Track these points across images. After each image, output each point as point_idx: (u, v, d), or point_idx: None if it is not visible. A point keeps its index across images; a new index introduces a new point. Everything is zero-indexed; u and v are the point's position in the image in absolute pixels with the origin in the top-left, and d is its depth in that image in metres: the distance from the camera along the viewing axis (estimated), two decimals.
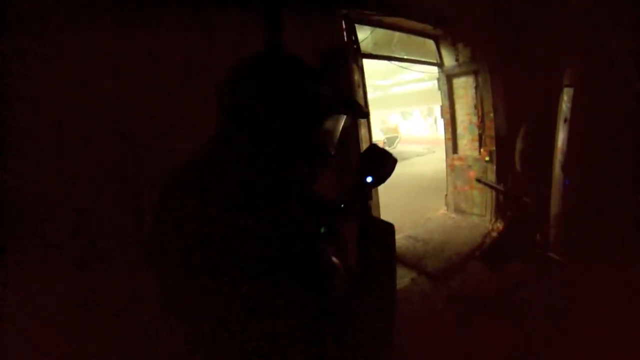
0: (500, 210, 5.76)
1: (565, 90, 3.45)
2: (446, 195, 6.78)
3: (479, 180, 5.55)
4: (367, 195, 1.17)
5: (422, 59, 6.25)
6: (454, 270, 4.68)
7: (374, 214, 4.61)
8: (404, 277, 4.59)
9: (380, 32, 5.33)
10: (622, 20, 3.06)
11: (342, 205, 1.13)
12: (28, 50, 2.06)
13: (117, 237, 2.34)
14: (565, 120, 3.45)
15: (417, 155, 16.51)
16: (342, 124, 1.04)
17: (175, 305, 0.96)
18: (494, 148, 5.67)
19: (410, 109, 23.04)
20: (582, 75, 3.33)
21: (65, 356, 2.11)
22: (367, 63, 5.59)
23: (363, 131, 4.42)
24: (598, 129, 3.26)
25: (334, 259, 0.98)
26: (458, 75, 6.05)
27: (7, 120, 2.00)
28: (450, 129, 6.51)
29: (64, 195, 2.21)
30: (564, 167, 3.53)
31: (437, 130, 17.99)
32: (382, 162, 1.21)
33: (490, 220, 5.84)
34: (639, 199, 3.22)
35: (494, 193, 5.78)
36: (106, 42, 2.31)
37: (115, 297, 2.25)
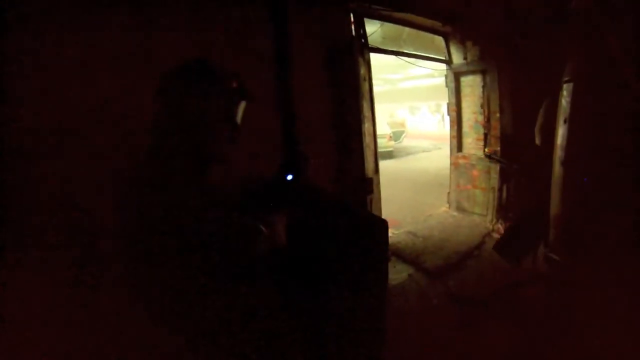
0: (502, 210, 5.76)
1: (565, 85, 3.41)
2: (449, 192, 6.78)
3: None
4: (291, 190, 1.34)
5: (431, 55, 6.22)
6: (452, 269, 4.69)
7: (375, 207, 4.62)
8: (401, 272, 4.63)
9: (389, 26, 5.30)
10: (622, 20, 3.03)
11: (272, 202, 1.28)
12: (28, 50, 2.05)
13: (117, 237, 2.28)
14: (565, 118, 3.43)
15: (423, 151, 16.49)
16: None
17: (175, 306, 0.97)
18: (498, 148, 5.66)
19: (418, 104, 22.96)
20: (582, 71, 3.30)
21: (65, 356, 2.09)
22: (377, 56, 5.58)
23: (367, 125, 4.41)
24: (598, 127, 3.25)
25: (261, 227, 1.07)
26: (466, 73, 6.02)
27: (7, 120, 2.00)
28: (455, 127, 6.50)
29: (64, 195, 2.19)
30: (564, 162, 3.50)
31: (444, 127, 17.93)
32: (299, 162, 1.40)
33: (491, 220, 5.85)
34: (639, 199, 3.20)
35: (496, 193, 5.78)
36: (106, 42, 2.30)
37: (115, 297, 2.12)
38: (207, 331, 0.92)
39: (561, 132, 3.50)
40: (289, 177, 1.36)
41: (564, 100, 3.43)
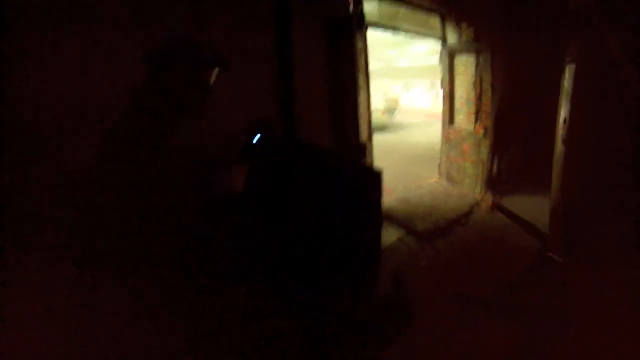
0: (490, 183, 6.13)
1: (568, 67, 3.48)
2: (439, 164, 7.09)
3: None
4: (256, 149, 1.67)
5: (427, 33, 6.40)
6: (441, 234, 5.02)
7: None
8: (392, 236, 4.91)
9: (386, 6, 5.52)
10: (622, 20, 3.11)
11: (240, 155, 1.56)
12: (28, 50, 2.07)
13: (117, 237, 2.09)
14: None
15: (416, 127, 16.61)
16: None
17: (175, 305, 1.06)
18: (489, 124, 5.97)
19: (413, 81, 23.01)
20: (585, 52, 3.37)
21: (65, 356, 2.08)
22: (374, 34, 5.72)
23: (363, 95, 4.62)
24: (598, 126, 3.39)
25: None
26: (460, 52, 6.23)
27: (7, 120, 2.02)
28: (448, 102, 6.75)
29: (64, 195, 2.19)
30: (566, 141, 3.60)
31: (438, 104, 17.94)
32: (265, 128, 1.68)
33: (480, 192, 6.18)
34: (639, 198, 3.31)
35: (486, 166, 6.12)
36: (106, 42, 2.33)
37: (115, 297, 2.07)
38: (207, 331, 0.95)
39: (563, 112, 3.64)
40: (256, 138, 1.65)
41: (566, 83, 3.55)
